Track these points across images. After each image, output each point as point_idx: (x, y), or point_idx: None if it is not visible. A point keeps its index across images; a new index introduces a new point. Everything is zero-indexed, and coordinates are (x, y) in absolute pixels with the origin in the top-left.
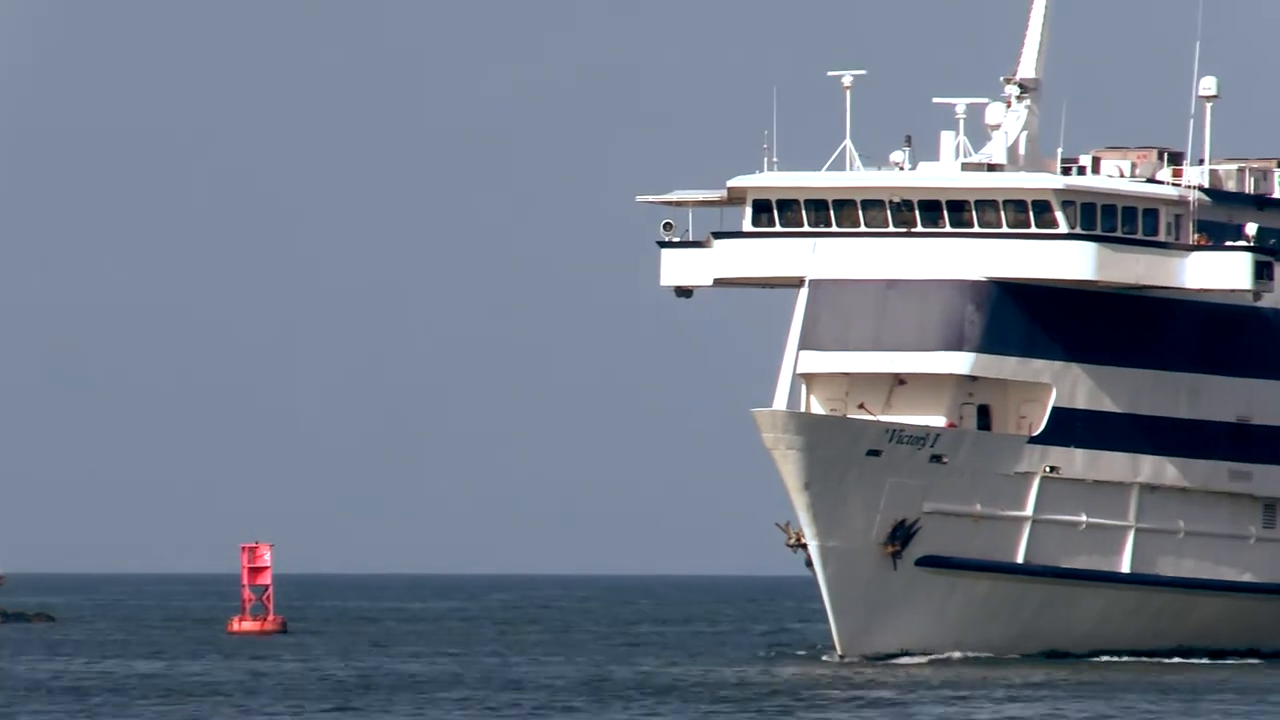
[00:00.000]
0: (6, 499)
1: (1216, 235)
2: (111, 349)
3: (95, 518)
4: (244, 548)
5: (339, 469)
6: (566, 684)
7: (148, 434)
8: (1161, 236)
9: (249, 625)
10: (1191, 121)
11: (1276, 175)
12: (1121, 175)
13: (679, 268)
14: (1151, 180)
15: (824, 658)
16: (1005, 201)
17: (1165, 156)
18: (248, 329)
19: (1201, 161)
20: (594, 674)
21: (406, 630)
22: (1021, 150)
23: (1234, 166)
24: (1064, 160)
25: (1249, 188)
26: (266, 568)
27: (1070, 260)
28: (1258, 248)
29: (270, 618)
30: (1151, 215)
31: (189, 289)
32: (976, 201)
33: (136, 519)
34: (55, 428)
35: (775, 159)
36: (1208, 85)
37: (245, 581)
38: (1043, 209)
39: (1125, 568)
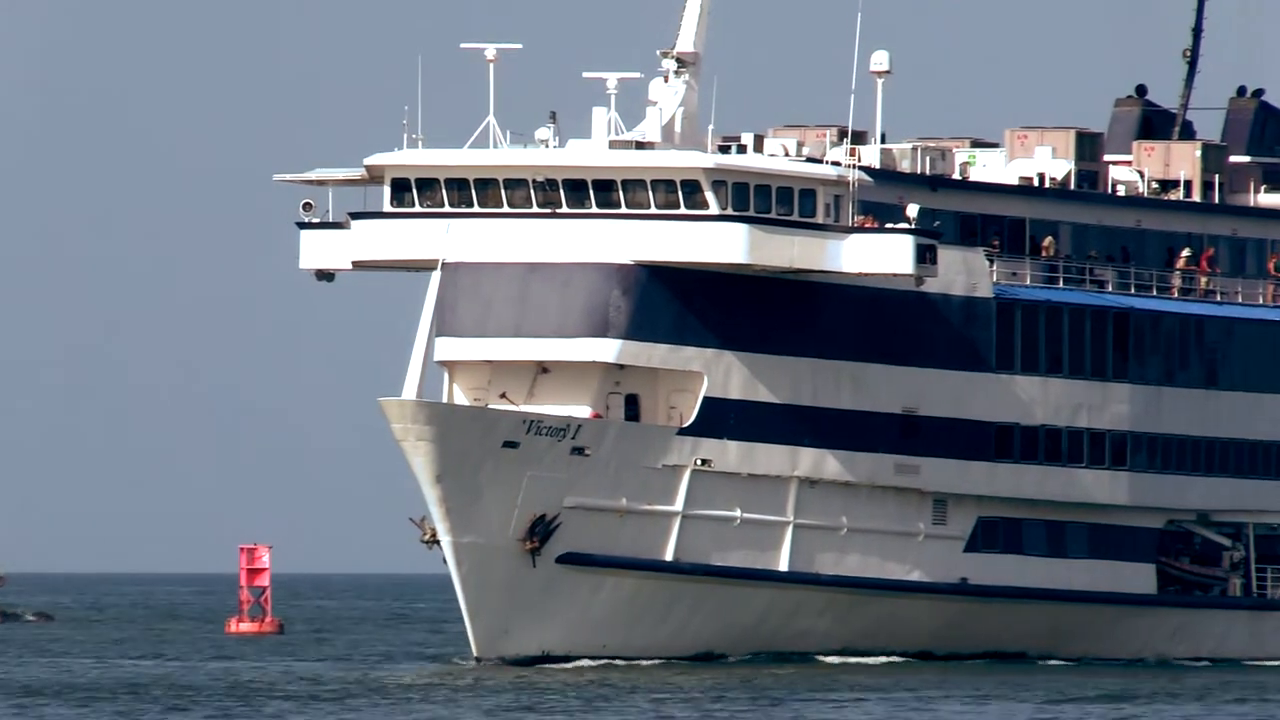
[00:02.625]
0: (7, 499)
1: (886, 218)
2: (111, 348)
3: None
4: (242, 549)
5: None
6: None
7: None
8: (819, 218)
9: (246, 626)
10: (853, 97)
11: (958, 155)
12: (786, 154)
13: (318, 250)
14: (813, 160)
15: (458, 659)
16: (654, 181)
17: (843, 135)
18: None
19: (880, 139)
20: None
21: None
22: (678, 128)
23: (909, 145)
24: (727, 138)
25: (924, 168)
26: (265, 569)
27: (721, 243)
28: (920, 230)
29: (268, 619)
30: (808, 196)
31: (187, 289)
32: (624, 181)
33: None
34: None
35: (419, 135)
36: (879, 60)
37: (243, 583)
38: (692, 189)
39: (783, 565)
